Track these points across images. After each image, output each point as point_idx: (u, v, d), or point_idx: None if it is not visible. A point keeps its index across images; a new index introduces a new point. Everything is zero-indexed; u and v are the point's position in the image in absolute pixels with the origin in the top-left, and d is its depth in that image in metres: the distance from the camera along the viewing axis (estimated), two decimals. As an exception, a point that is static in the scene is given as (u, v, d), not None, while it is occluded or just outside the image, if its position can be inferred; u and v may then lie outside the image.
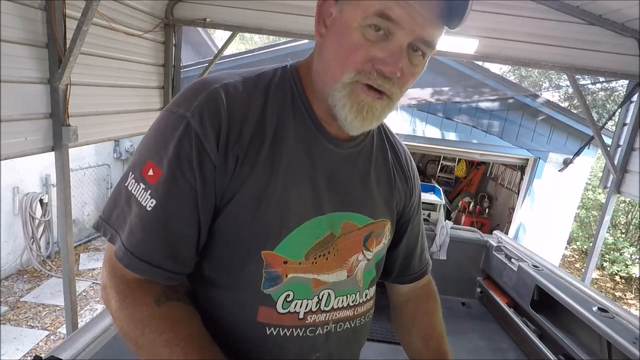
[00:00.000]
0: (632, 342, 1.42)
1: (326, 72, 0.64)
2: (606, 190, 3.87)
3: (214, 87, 0.64)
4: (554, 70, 3.64)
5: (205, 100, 0.62)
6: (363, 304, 0.80)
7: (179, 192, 0.61)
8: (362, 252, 0.76)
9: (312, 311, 0.72)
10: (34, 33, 2.23)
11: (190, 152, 0.60)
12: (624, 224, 8.49)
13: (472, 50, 3.41)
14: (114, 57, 2.98)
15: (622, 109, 3.78)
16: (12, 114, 2.13)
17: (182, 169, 0.60)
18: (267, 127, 0.66)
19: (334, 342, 0.76)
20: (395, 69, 0.59)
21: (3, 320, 3.86)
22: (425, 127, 6.12)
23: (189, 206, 0.62)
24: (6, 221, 4.54)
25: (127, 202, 0.63)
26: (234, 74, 0.69)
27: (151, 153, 0.62)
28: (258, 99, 0.66)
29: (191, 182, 0.61)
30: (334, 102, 0.63)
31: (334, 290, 0.73)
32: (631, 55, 3.21)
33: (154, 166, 0.61)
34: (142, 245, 0.61)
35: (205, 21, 3.49)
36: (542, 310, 1.95)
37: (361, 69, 0.60)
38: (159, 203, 0.60)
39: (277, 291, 0.68)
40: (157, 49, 3.60)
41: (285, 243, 0.67)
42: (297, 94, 0.70)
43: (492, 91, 5.89)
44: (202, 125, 0.60)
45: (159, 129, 0.63)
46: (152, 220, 0.61)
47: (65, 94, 2.43)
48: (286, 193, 0.66)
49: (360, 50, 0.59)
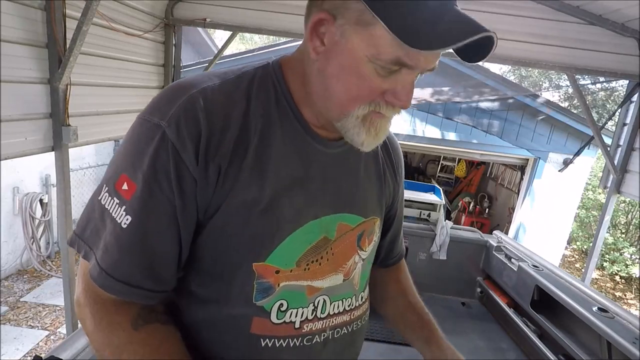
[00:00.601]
0: (632, 342, 1.42)
1: (332, 99, 0.61)
2: (606, 190, 3.86)
3: (192, 93, 0.59)
4: (554, 70, 3.64)
5: (182, 107, 0.58)
6: (359, 307, 0.78)
7: (156, 208, 0.57)
8: (357, 253, 0.74)
9: (308, 319, 0.69)
10: (34, 33, 2.23)
11: (167, 164, 0.56)
12: (624, 224, 8.49)
13: (472, 50, 3.40)
14: (114, 57, 2.97)
15: (622, 109, 3.78)
16: (12, 114, 2.13)
17: (159, 182, 0.57)
18: (252, 131, 0.62)
19: (332, 349, 0.74)
20: (407, 103, 0.59)
21: (3, 320, 3.86)
22: (425, 127, 6.12)
23: (167, 222, 0.58)
24: (6, 221, 4.53)
25: (100, 218, 0.60)
26: (212, 76, 0.64)
27: (125, 165, 0.59)
28: (240, 102, 0.62)
29: (169, 196, 0.57)
30: (345, 129, 0.62)
31: (329, 296, 0.71)
32: (631, 55, 3.21)
33: (128, 180, 0.57)
34: (118, 264, 0.58)
35: (205, 21, 3.48)
36: (542, 310, 1.95)
37: (373, 101, 0.59)
38: (135, 220, 0.57)
39: (269, 302, 0.66)
40: (157, 49, 3.60)
41: (277, 252, 0.64)
42: (282, 94, 0.66)
43: (492, 91, 5.89)
44: (179, 136, 0.56)
45: (133, 139, 0.59)
46: (128, 238, 0.57)
47: (65, 94, 2.43)
48: (277, 201, 0.62)
49: (372, 85, 0.57)
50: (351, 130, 0.62)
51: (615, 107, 8.98)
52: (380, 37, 0.53)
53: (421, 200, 6.17)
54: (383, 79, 0.57)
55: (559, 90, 13.12)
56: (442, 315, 2.22)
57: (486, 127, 6.08)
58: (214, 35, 8.59)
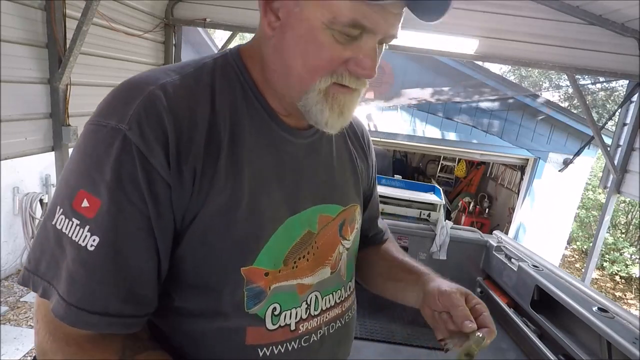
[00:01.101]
0: (632, 342, 1.41)
1: (291, 75, 0.57)
2: (606, 190, 3.87)
3: (150, 90, 0.53)
4: (554, 70, 3.64)
5: (141, 106, 0.51)
6: (348, 298, 0.76)
7: (128, 222, 0.50)
8: (340, 243, 0.72)
9: (302, 319, 0.66)
10: (34, 33, 2.23)
11: (134, 171, 0.49)
12: (624, 224, 8.49)
13: (472, 50, 3.40)
14: (114, 57, 2.97)
15: (622, 109, 3.78)
16: (12, 114, 2.13)
17: (127, 193, 0.50)
18: (221, 128, 0.57)
19: (329, 345, 0.72)
20: (372, 71, 0.56)
21: (3, 320, 3.86)
22: (425, 127, 6.12)
23: (142, 236, 0.52)
24: (6, 221, 4.53)
25: (58, 245, 0.51)
26: (169, 71, 0.59)
27: (82, 180, 0.51)
28: (204, 96, 0.57)
29: (140, 207, 0.50)
30: (307, 107, 0.58)
31: (320, 291, 0.69)
32: (631, 55, 3.21)
33: (88, 195, 0.50)
34: (89, 294, 0.50)
35: (205, 21, 3.49)
36: (542, 310, 1.95)
37: (334, 72, 0.56)
38: (104, 239, 0.49)
39: (262, 307, 0.61)
40: (157, 49, 3.60)
41: (264, 253, 0.60)
42: (247, 85, 0.62)
43: (492, 91, 5.89)
44: (144, 138, 0.50)
45: (87, 150, 0.51)
46: (98, 262, 0.50)
47: (65, 94, 2.43)
48: (256, 199, 0.59)
49: (332, 53, 0.54)
50: (313, 109, 0.58)
51: (615, 107, 8.98)
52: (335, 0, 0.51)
53: (421, 200, 6.16)
54: (343, 47, 0.54)
55: (559, 90, 13.13)
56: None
57: (486, 127, 6.08)
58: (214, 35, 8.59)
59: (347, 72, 0.56)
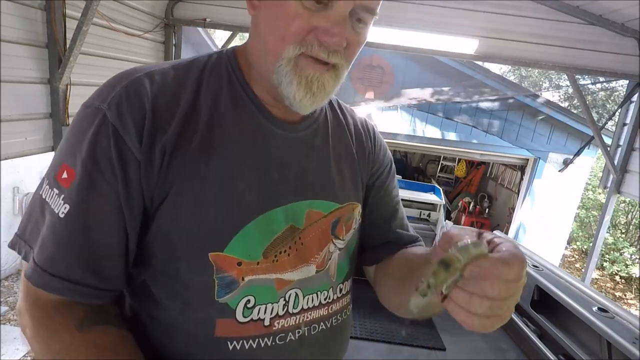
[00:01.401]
0: (632, 342, 1.41)
1: (265, 48, 0.57)
2: (606, 190, 3.87)
3: (136, 76, 0.57)
4: (554, 70, 3.64)
5: (124, 89, 0.55)
6: (338, 301, 0.72)
7: (98, 195, 0.53)
8: (332, 241, 0.68)
9: (279, 316, 0.64)
10: (34, 33, 2.23)
11: (108, 148, 0.52)
12: (624, 224, 8.49)
13: (472, 50, 3.41)
14: (114, 57, 2.98)
15: (622, 109, 3.78)
16: (12, 114, 2.13)
17: (100, 167, 0.52)
18: (201, 115, 0.58)
19: (310, 347, 0.68)
20: (341, 39, 0.54)
21: (3, 320, 3.86)
22: (425, 127, 6.12)
23: (110, 210, 0.53)
24: (6, 221, 4.53)
25: (41, 212, 0.55)
26: (165, 64, 0.62)
27: (65, 154, 0.55)
28: (190, 86, 0.59)
29: (111, 182, 0.53)
30: (279, 80, 0.57)
31: (301, 289, 0.65)
32: (631, 55, 3.22)
33: (67, 167, 0.53)
34: (55, 258, 0.53)
35: (205, 21, 3.49)
36: (542, 310, 1.95)
37: (303, 41, 0.54)
38: (74, 208, 0.52)
39: (234, 298, 0.60)
40: (157, 49, 3.60)
41: (236, 242, 0.58)
42: (235, 77, 0.62)
43: (492, 91, 5.89)
44: (120, 117, 0.53)
45: (74, 127, 0.56)
46: (65, 229, 0.52)
47: (65, 94, 2.43)
48: (229, 186, 0.58)
49: (300, 21, 0.53)
50: (283, 81, 0.56)
51: (615, 107, 8.99)
52: None
53: (421, 200, 6.17)
54: (312, 14, 0.53)
55: (559, 90, 13.13)
56: (442, 316, 2.22)
57: (486, 127, 6.08)
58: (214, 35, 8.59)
59: (317, 41, 0.54)
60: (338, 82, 0.60)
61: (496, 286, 0.43)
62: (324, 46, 0.55)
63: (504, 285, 0.43)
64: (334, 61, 0.56)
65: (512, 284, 0.44)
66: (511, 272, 0.43)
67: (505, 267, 0.43)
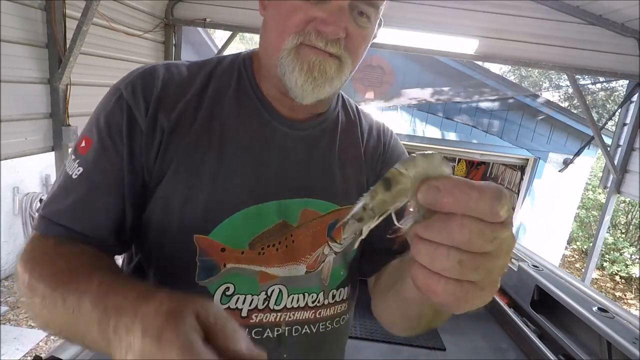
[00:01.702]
0: (632, 342, 1.41)
1: (269, 42, 0.60)
2: (606, 190, 3.87)
3: (155, 66, 0.63)
4: (554, 70, 3.64)
5: (141, 74, 0.61)
6: (330, 307, 0.69)
7: (107, 160, 0.58)
8: (327, 243, 0.67)
9: (258, 309, 0.63)
10: (34, 33, 2.23)
11: (120, 120, 0.58)
12: (624, 224, 8.49)
13: (472, 50, 3.40)
14: (114, 57, 2.98)
15: (622, 109, 3.78)
16: (12, 114, 2.13)
17: (112, 137, 0.58)
18: (204, 104, 0.62)
19: (290, 349, 0.66)
20: (337, 28, 0.55)
21: (3, 320, 3.86)
22: (425, 127, 6.12)
23: (115, 175, 0.58)
24: (6, 221, 4.53)
25: (58, 177, 0.61)
26: (184, 61, 0.67)
27: (87, 127, 0.61)
28: (200, 80, 0.64)
29: (120, 150, 0.58)
30: (282, 70, 0.59)
31: (285, 286, 0.65)
32: (631, 55, 3.22)
33: (86, 138, 0.59)
34: (61, 210, 0.57)
35: (205, 21, 3.49)
36: (542, 310, 1.95)
37: (302, 31, 0.56)
38: (85, 171, 0.57)
39: (213, 283, 0.61)
40: (157, 49, 3.60)
41: (223, 228, 0.60)
42: (245, 75, 0.66)
43: (492, 91, 5.89)
44: (134, 95, 0.59)
45: (98, 106, 0.62)
46: (74, 186, 0.57)
47: (65, 94, 2.43)
48: (224, 175, 0.60)
49: (299, 12, 0.56)
50: (287, 70, 0.58)
51: (615, 107, 8.98)
52: None
53: (421, 200, 6.17)
54: (311, 6, 0.56)
55: (559, 90, 13.13)
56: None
57: (486, 127, 6.08)
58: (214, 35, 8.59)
59: (315, 31, 0.56)
60: (341, 72, 0.60)
61: (467, 226, 0.30)
62: (321, 35, 0.56)
63: (478, 226, 0.31)
64: (332, 50, 0.57)
65: (490, 229, 0.31)
66: (487, 202, 0.30)
67: (476, 193, 0.30)
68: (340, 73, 0.60)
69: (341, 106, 0.74)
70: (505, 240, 0.32)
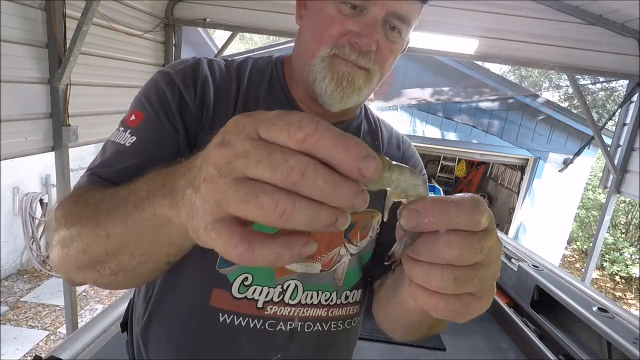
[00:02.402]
0: (632, 342, 1.42)
1: (304, 49, 0.63)
2: (606, 190, 3.87)
3: (201, 58, 0.67)
4: (554, 70, 3.64)
5: (190, 65, 0.65)
6: (342, 307, 0.71)
7: (161, 130, 0.60)
8: (344, 244, 0.68)
9: (273, 302, 0.65)
10: (34, 33, 2.23)
11: (172, 99, 0.61)
12: (624, 224, 8.49)
13: (472, 50, 3.40)
14: (114, 57, 2.97)
15: (622, 109, 3.78)
16: (12, 114, 2.13)
17: (166, 111, 0.60)
18: (239, 101, 0.65)
19: (301, 344, 0.67)
20: (370, 41, 0.58)
21: (3, 320, 3.86)
22: (425, 127, 6.12)
23: (169, 149, 0.60)
24: (6, 221, 4.53)
25: (104, 149, 0.61)
26: (222, 59, 0.71)
27: (135, 104, 0.63)
28: (236, 78, 0.67)
29: (174, 122, 0.60)
30: (314, 77, 0.62)
31: (302, 282, 0.66)
32: (631, 55, 3.21)
33: (136, 112, 0.61)
34: (112, 169, 0.57)
35: (205, 21, 3.48)
36: (542, 310, 1.95)
37: (336, 43, 0.59)
38: (138, 139, 0.59)
39: (233, 272, 0.63)
40: (157, 49, 3.59)
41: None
42: (277, 77, 0.69)
43: (492, 91, 5.89)
44: (185, 82, 0.62)
45: (146, 85, 0.65)
46: (129, 152, 0.58)
47: (65, 94, 2.43)
48: None
49: (335, 24, 0.59)
50: (318, 77, 0.61)
51: (615, 107, 8.98)
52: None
53: (421, 200, 6.17)
54: (346, 18, 0.58)
55: (559, 90, 13.13)
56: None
57: (486, 127, 6.09)
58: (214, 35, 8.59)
59: (348, 43, 0.59)
60: (369, 84, 0.63)
61: (454, 242, 0.31)
62: (354, 48, 0.59)
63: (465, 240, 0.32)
64: (363, 63, 0.60)
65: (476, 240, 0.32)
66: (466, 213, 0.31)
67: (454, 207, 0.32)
68: (368, 84, 0.63)
69: (364, 115, 0.77)
70: (492, 247, 0.33)
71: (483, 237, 0.32)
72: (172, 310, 0.66)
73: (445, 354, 1.87)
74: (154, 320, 0.68)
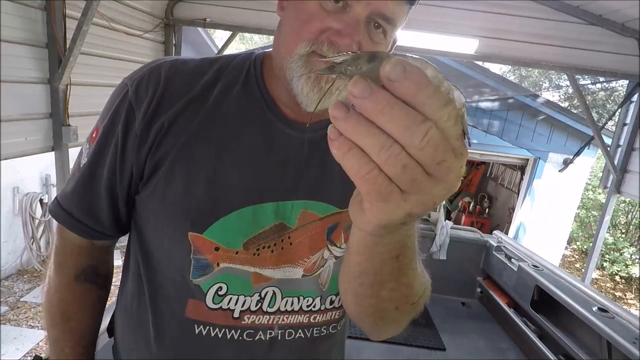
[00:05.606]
0: (632, 342, 1.42)
1: (282, 44, 0.59)
2: (606, 190, 3.87)
3: (162, 61, 0.63)
4: (554, 70, 3.64)
5: (148, 70, 0.62)
6: (326, 312, 0.68)
7: (106, 154, 0.62)
8: (327, 247, 0.65)
9: (250, 311, 0.63)
10: (34, 33, 2.23)
11: (121, 117, 0.60)
12: (624, 224, 8.48)
13: (472, 50, 3.40)
14: (114, 57, 2.98)
15: (622, 109, 3.78)
16: (12, 114, 2.13)
17: (113, 132, 0.61)
18: (208, 102, 0.61)
19: (282, 352, 0.66)
20: (350, 41, 0.53)
21: (3, 320, 3.86)
22: (425, 127, 6.12)
23: (110, 169, 0.62)
24: (6, 221, 4.53)
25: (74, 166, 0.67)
26: (198, 56, 0.69)
27: (100, 117, 0.64)
28: (208, 76, 0.63)
29: (116, 146, 0.61)
30: (290, 75, 0.57)
31: (280, 289, 0.64)
32: (631, 55, 3.22)
33: (96, 129, 0.63)
34: (67, 196, 0.65)
35: (205, 21, 3.49)
36: (542, 310, 1.95)
37: (315, 40, 0.55)
38: (88, 161, 0.63)
39: (206, 282, 0.61)
40: (157, 49, 3.60)
41: (217, 227, 0.59)
42: (254, 74, 0.64)
43: (492, 91, 5.89)
44: (137, 94, 0.60)
45: (110, 97, 0.65)
46: (80, 176, 0.64)
47: (65, 94, 2.43)
48: (221, 172, 0.59)
49: (315, 20, 0.54)
50: (294, 76, 0.57)
51: (615, 107, 8.98)
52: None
53: (421, 200, 6.17)
54: (328, 15, 0.54)
55: (559, 90, 13.13)
56: (442, 316, 2.22)
57: (486, 127, 6.08)
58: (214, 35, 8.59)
59: (328, 41, 0.55)
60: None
61: (378, 96, 0.27)
62: (334, 46, 0.54)
63: (397, 101, 0.27)
64: None
65: (415, 95, 0.27)
66: (397, 69, 0.27)
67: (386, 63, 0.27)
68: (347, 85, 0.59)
69: None
70: (444, 160, 0.29)
71: (430, 102, 0.28)
72: (148, 321, 0.66)
73: (445, 354, 1.87)
74: (134, 330, 0.69)
